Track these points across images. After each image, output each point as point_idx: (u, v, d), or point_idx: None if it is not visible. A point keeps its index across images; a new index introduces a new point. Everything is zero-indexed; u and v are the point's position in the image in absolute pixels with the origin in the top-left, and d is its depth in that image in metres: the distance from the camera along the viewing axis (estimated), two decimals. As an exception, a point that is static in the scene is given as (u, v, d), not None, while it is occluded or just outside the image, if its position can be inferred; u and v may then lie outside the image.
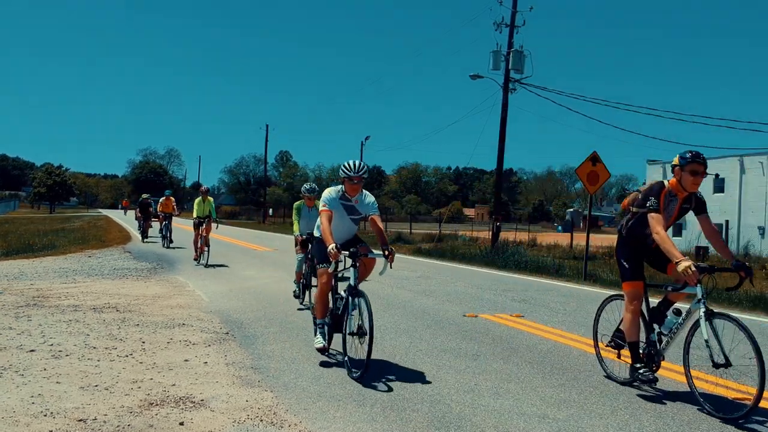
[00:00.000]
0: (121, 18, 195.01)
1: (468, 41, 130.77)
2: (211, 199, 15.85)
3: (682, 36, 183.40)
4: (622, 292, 5.39)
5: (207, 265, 14.63)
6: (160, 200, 21.54)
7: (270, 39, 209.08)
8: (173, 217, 21.13)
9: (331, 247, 5.41)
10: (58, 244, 20.33)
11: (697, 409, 4.70)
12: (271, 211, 72.84)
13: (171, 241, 20.49)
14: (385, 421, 4.40)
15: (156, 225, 23.33)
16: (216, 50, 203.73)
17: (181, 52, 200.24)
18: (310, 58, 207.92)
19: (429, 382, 5.36)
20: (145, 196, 25.21)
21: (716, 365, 4.55)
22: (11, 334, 6.66)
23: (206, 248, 15.10)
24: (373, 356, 6.24)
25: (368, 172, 5.88)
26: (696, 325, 4.75)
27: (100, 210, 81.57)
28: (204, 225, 15.24)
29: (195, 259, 15.40)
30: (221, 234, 30.67)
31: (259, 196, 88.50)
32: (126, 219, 46.93)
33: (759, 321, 9.01)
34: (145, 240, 23.10)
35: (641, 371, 5.08)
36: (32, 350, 6.01)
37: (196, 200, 15.89)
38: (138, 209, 25.32)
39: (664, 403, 4.94)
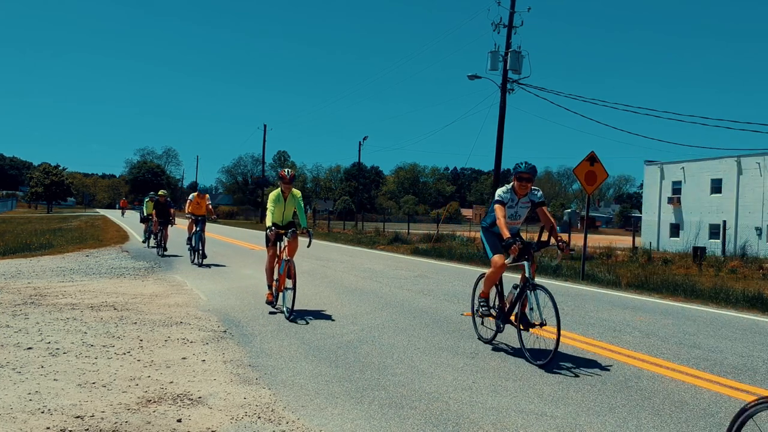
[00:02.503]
0: (120, 18, 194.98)
1: (467, 41, 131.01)
2: (298, 193, 8.89)
3: (682, 36, 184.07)
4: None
5: (291, 317, 7.97)
6: (190, 198, 15.58)
7: (270, 39, 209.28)
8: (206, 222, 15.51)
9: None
10: (55, 243, 20.29)
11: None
12: (269, 211, 72.75)
13: (204, 256, 14.72)
14: (383, 419, 4.40)
15: (169, 232, 17.89)
16: (215, 50, 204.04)
17: (180, 52, 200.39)
18: (309, 58, 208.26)
19: (427, 380, 5.36)
20: (162, 192, 18.39)
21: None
22: (8, 332, 6.65)
23: (288, 281, 8.30)
24: (372, 354, 6.25)
25: None
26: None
27: (98, 210, 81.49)
28: (287, 239, 8.50)
29: (269, 302, 8.76)
30: (220, 234, 30.65)
31: (257, 196, 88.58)
32: (125, 219, 46.91)
33: (756, 320, 9.03)
34: (164, 253, 17.06)
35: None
36: (29, 348, 6.00)
37: (271, 196, 8.73)
38: (153, 211, 18.21)
39: (663, 401, 4.95)
